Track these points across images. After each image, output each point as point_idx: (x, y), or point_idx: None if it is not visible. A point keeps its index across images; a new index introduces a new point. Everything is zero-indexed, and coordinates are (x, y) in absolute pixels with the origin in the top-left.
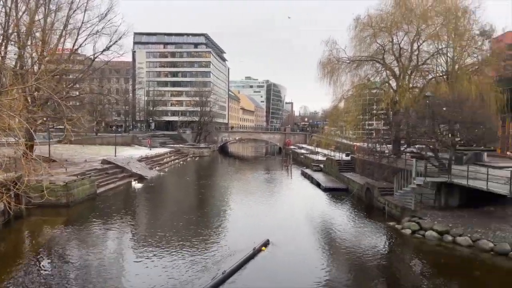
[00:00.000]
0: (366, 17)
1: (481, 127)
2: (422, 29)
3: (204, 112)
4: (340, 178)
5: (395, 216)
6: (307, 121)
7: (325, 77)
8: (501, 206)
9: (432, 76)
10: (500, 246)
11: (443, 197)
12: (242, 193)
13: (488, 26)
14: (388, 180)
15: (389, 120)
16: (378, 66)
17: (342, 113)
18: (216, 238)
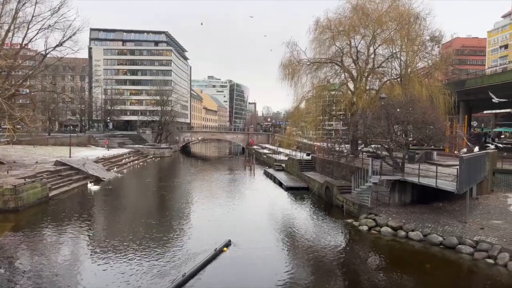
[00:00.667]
0: (326, 20)
1: (431, 127)
2: (377, 33)
3: (165, 112)
4: (301, 177)
5: (353, 213)
6: (270, 121)
7: (286, 78)
8: (449, 202)
9: (387, 78)
10: (448, 240)
11: (397, 194)
12: (204, 194)
13: (437, 32)
14: (346, 178)
15: (347, 121)
16: (337, 68)
17: (303, 114)
18: (176, 241)
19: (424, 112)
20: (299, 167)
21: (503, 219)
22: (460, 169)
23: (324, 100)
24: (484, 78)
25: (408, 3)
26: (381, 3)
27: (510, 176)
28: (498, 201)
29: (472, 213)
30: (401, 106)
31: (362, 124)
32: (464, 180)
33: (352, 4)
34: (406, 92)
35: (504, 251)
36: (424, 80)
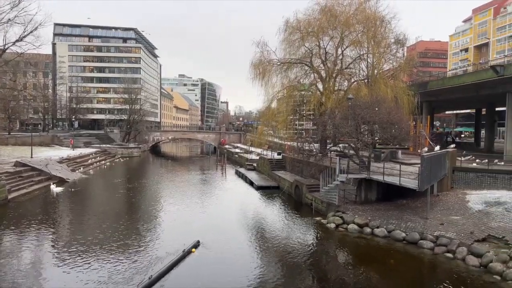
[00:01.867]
0: (295, 21)
1: (396, 127)
2: (345, 35)
3: (134, 110)
4: (272, 177)
5: (322, 211)
6: (242, 121)
7: (257, 78)
8: (412, 199)
9: (355, 79)
10: (411, 235)
11: (364, 192)
12: (174, 195)
13: (402, 36)
14: (315, 177)
15: (316, 121)
16: (306, 68)
17: (274, 113)
18: (144, 244)
19: (389, 112)
20: (270, 167)
21: (461, 214)
22: (421, 167)
23: (294, 100)
24: (445, 80)
25: (374, 6)
26: (349, 6)
27: (468, 174)
28: (457, 198)
29: (433, 209)
30: (368, 106)
31: (331, 124)
32: (425, 178)
33: (321, 6)
34: (372, 92)
35: (462, 245)
36: (389, 81)
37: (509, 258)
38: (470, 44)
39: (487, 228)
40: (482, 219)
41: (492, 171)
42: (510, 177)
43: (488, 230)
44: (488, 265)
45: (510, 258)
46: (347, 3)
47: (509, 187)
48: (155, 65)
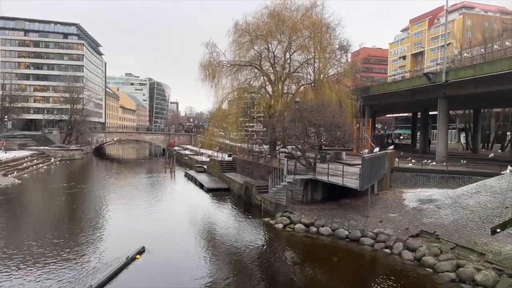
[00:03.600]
0: (244, 23)
1: (341, 129)
2: (293, 40)
3: (76, 110)
4: (222, 178)
5: (270, 212)
6: (192, 122)
7: (206, 79)
8: (354, 198)
9: (303, 83)
10: (353, 233)
11: (310, 192)
12: (119, 200)
13: (345, 42)
14: (265, 178)
15: (266, 123)
16: (256, 71)
17: (225, 115)
18: (85, 253)
19: (334, 115)
20: (220, 168)
21: (398, 212)
22: (362, 168)
23: (245, 102)
24: (385, 85)
25: (320, 13)
26: (296, 12)
27: (404, 173)
28: (395, 196)
29: (373, 207)
30: (314, 109)
31: (280, 126)
32: (366, 178)
33: (269, 10)
34: (318, 96)
35: (399, 241)
36: (334, 86)
37: (440, 252)
38: (407, 52)
39: (420, 224)
40: (416, 216)
41: (425, 170)
42: (441, 176)
43: (421, 226)
44: (421, 259)
45: (441, 251)
46: (295, 9)
47: (439, 185)
48: (100, 63)
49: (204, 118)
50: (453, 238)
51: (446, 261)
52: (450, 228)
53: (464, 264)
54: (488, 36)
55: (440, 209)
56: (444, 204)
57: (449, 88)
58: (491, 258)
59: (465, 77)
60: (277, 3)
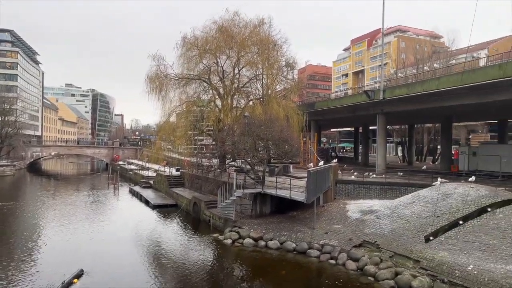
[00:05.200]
0: (193, 37)
1: (288, 143)
2: (242, 55)
3: (7, 123)
4: (169, 194)
5: (219, 227)
6: (138, 135)
7: (153, 92)
8: (301, 210)
9: (252, 98)
10: (300, 245)
11: (259, 206)
12: (54, 219)
13: (292, 60)
14: (214, 193)
15: (215, 137)
16: (205, 85)
17: (173, 128)
18: (15, 278)
19: (281, 130)
20: (167, 184)
21: (342, 223)
22: (308, 181)
23: (194, 115)
24: (329, 101)
25: (268, 30)
26: (244, 28)
27: (348, 186)
28: (339, 208)
29: (319, 219)
30: (263, 124)
31: (229, 140)
32: (311, 191)
33: (218, 25)
34: (266, 111)
35: (343, 251)
36: (281, 101)
37: (380, 261)
38: (349, 70)
39: (362, 234)
40: (359, 227)
41: (366, 182)
42: (381, 187)
43: (364, 236)
44: (363, 268)
45: (381, 260)
46: (243, 25)
47: (379, 196)
48: (37, 72)
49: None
50: (391, 247)
51: (386, 269)
52: (389, 237)
53: (402, 271)
54: (419, 57)
55: (380, 219)
56: (384, 215)
57: (386, 105)
58: (426, 264)
59: (400, 95)
60: (226, 19)
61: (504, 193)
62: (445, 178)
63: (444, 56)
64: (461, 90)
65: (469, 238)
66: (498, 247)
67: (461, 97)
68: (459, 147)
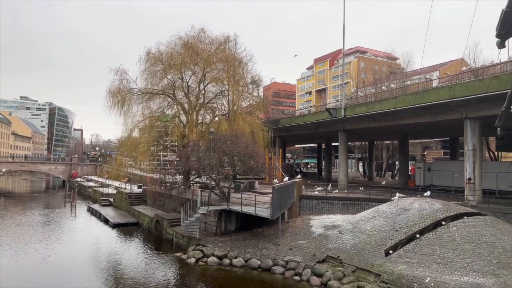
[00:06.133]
0: (157, 52)
1: (254, 159)
2: (207, 71)
3: None
4: (131, 212)
5: (183, 246)
6: (99, 151)
7: (115, 106)
8: (266, 226)
9: (217, 114)
10: (265, 262)
11: (224, 223)
12: (3, 241)
13: (257, 77)
14: (177, 211)
15: (179, 152)
16: (170, 100)
17: (135, 144)
18: None
19: (247, 146)
20: (129, 201)
21: (306, 239)
22: (273, 197)
23: (158, 131)
24: (293, 118)
25: (233, 48)
26: (210, 45)
27: (311, 201)
28: (303, 223)
29: (284, 235)
30: (228, 140)
31: (194, 156)
32: (276, 207)
33: (183, 41)
34: (232, 127)
35: (307, 267)
36: (247, 117)
37: (343, 276)
38: (312, 88)
39: (326, 250)
40: (322, 242)
41: (329, 198)
42: (343, 203)
43: (327, 252)
44: (327, 284)
45: (344, 275)
46: (209, 42)
47: (342, 211)
48: None
49: (112, 146)
50: (354, 261)
51: (348, 284)
52: (351, 252)
53: (364, 285)
54: (378, 77)
55: (342, 234)
56: (346, 230)
57: (347, 123)
58: (386, 278)
59: (360, 113)
60: (191, 35)
61: (456, 207)
62: (403, 193)
63: (400, 77)
64: (416, 109)
65: (426, 251)
66: (453, 259)
67: (416, 115)
68: (415, 163)
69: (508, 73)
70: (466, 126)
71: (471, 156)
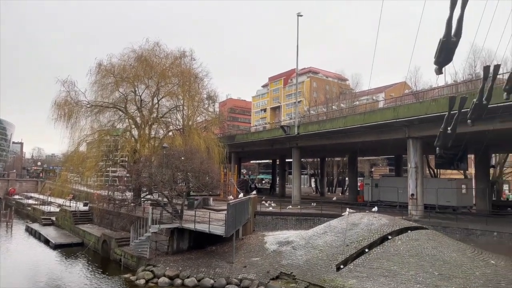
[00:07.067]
0: (109, 64)
1: (208, 175)
2: (162, 85)
3: None
4: (75, 232)
5: (132, 266)
6: (41, 166)
7: (61, 119)
8: (220, 244)
9: (171, 129)
10: (219, 281)
11: (176, 241)
12: None
13: (213, 93)
14: (127, 229)
15: (130, 168)
16: (121, 114)
17: (82, 159)
18: None
19: (202, 161)
20: (73, 220)
21: (261, 255)
22: (227, 214)
23: (107, 145)
24: (248, 135)
25: (189, 63)
26: (165, 59)
27: (266, 217)
28: (257, 240)
29: (238, 253)
30: (182, 155)
31: (146, 172)
32: (231, 224)
33: (137, 54)
34: (187, 142)
35: (261, 285)
36: (202, 133)
37: None
38: (267, 106)
39: (280, 266)
40: (276, 258)
41: (283, 213)
42: (296, 218)
43: (281, 268)
44: None
45: None
46: (164, 56)
47: (295, 227)
48: None
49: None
50: (307, 277)
51: None
52: (304, 267)
53: None
54: (329, 97)
55: (296, 250)
56: (299, 245)
57: (300, 140)
58: None
59: (312, 131)
60: (146, 49)
61: (401, 221)
62: (352, 208)
63: (349, 97)
64: (364, 128)
65: (374, 265)
66: (398, 272)
67: (364, 134)
68: (364, 179)
69: (445, 97)
70: (409, 145)
71: (413, 173)
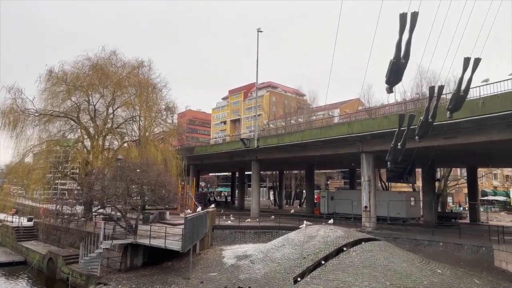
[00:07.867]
0: (61, 72)
1: (165, 188)
2: (117, 95)
3: None
4: (17, 249)
5: (80, 286)
6: None
7: (5, 128)
8: (177, 259)
9: (127, 140)
10: None
11: (129, 258)
12: None
13: (172, 104)
14: (76, 246)
15: (81, 181)
16: (73, 123)
17: (28, 170)
18: None
19: (158, 174)
20: (15, 236)
21: (218, 270)
22: (184, 228)
23: (57, 156)
24: (208, 147)
25: (147, 73)
26: (122, 68)
27: (224, 231)
28: (215, 254)
29: (195, 268)
30: (137, 168)
31: (99, 185)
32: (188, 239)
33: (92, 62)
34: (143, 154)
35: None
36: (159, 145)
37: None
38: (227, 118)
39: (237, 281)
40: (234, 273)
41: (242, 227)
42: (255, 231)
43: (238, 283)
44: None
45: None
46: (120, 65)
47: (254, 240)
48: None
49: None
50: None
51: None
52: (262, 281)
53: None
54: (287, 111)
55: (254, 264)
56: (257, 259)
57: (260, 153)
58: None
59: (272, 144)
60: (102, 57)
61: (355, 233)
62: (309, 220)
63: (307, 112)
64: (320, 142)
65: (330, 277)
66: (353, 283)
67: (320, 148)
68: (320, 192)
69: (395, 114)
70: (362, 159)
71: (367, 186)
